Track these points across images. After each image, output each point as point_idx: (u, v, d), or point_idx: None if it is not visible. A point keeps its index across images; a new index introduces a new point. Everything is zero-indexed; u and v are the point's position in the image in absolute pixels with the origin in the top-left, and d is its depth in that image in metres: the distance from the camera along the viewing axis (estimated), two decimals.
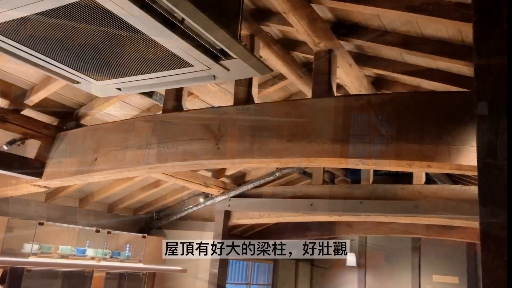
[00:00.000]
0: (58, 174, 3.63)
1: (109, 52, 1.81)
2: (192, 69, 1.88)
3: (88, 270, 4.71)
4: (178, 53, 1.73)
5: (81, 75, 2.10)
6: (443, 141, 2.27)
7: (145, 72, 1.98)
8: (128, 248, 5.39)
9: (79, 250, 4.69)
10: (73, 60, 1.95)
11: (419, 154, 2.32)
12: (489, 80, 1.77)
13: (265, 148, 2.79)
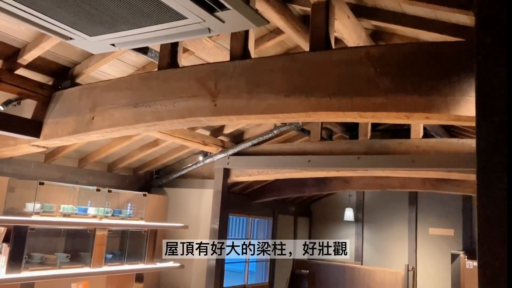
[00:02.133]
0: (56, 133, 3.62)
1: (101, 5, 1.77)
2: (186, 21, 1.84)
3: (90, 228, 4.79)
4: (171, 4, 1.69)
5: (73, 31, 2.06)
6: (442, 92, 2.26)
7: (138, 26, 1.94)
8: (129, 207, 5.46)
9: (81, 209, 4.75)
10: (65, 15, 1.90)
11: (417, 106, 2.31)
12: (490, 29, 1.74)
13: (262, 104, 2.78)
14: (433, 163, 4.78)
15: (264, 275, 9.62)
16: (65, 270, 4.45)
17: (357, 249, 10.38)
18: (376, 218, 10.34)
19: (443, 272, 9.15)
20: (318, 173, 5.93)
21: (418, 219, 9.84)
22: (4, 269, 3.91)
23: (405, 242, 9.85)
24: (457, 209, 9.33)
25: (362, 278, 9.74)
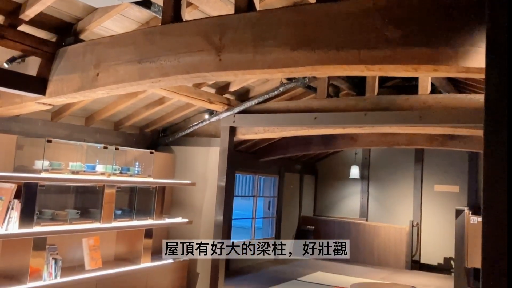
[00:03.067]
0: (61, 91, 3.62)
1: None
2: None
3: (99, 185, 4.86)
4: None
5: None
6: (450, 43, 2.21)
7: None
8: (137, 165, 5.52)
9: (89, 166, 4.81)
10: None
11: (425, 58, 2.27)
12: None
13: (268, 58, 2.74)
14: (440, 119, 4.74)
15: (270, 231, 9.81)
16: (75, 225, 4.56)
17: (362, 206, 10.51)
18: (381, 176, 10.40)
19: (447, 228, 9.27)
20: (324, 131, 5.92)
21: (423, 176, 9.89)
22: (17, 224, 4.00)
23: (410, 199, 9.95)
24: (463, 166, 9.35)
25: (367, 234, 9.91)
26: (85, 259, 4.78)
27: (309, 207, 10.99)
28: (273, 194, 9.84)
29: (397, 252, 9.53)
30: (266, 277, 7.74)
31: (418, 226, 9.72)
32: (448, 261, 9.35)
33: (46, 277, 4.25)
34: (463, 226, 7.47)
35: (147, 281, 5.34)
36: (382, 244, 9.69)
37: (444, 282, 8.13)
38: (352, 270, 8.93)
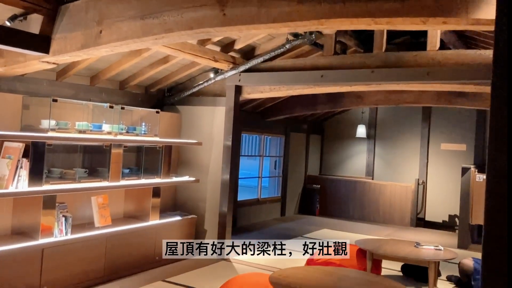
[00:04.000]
0: (65, 49, 3.59)
1: None
2: None
3: (106, 144, 4.89)
4: None
5: None
6: None
7: None
8: (143, 124, 5.53)
9: (95, 126, 4.83)
10: None
11: (434, 10, 2.21)
12: None
13: (273, 12, 2.68)
14: (448, 75, 4.68)
15: (276, 190, 9.92)
16: (84, 184, 4.63)
17: (368, 165, 10.54)
18: (388, 135, 10.37)
19: (453, 186, 9.32)
20: (331, 89, 5.86)
21: (430, 135, 9.85)
22: (26, 183, 4.07)
23: (417, 157, 9.96)
24: (470, 124, 9.29)
25: (373, 192, 10.00)
26: (95, 217, 4.88)
27: (315, 167, 11.06)
28: (279, 154, 9.89)
29: (402, 210, 9.63)
30: (272, 234, 7.88)
31: (424, 184, 9.78)
32: (452, 219, 9.45)
33: (57, 234, 4.35)
34: (468, 184, 7.51)
35: (156, 237, 5.46)
36: (388, 202, 9.79)
37: (448, 238, 8.24)
38: (357, 227, 9.07)
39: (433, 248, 5.33)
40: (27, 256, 4.03)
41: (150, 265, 5.36)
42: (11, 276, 3.91)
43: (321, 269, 4.26)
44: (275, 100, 8.31)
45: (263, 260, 6.13)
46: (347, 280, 3.93)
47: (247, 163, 13.05)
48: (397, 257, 5.01)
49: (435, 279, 5.10)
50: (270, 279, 3.73)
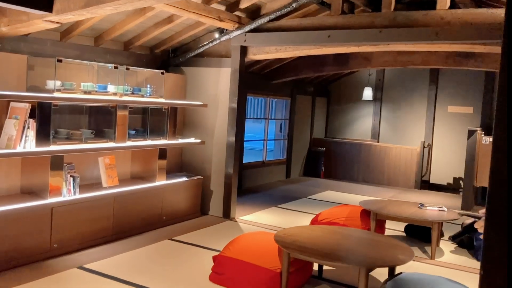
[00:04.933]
0: (68, 7, 3.53)
1: None
2: None
3: (111, 105, 4.89)
4: None
5: None
6: None
7: None
8: (148, 86, 5.51)
9: (101, 87, 4.81)
10: None
11: None
12: None
13: None
14: (458, 35, 4.58)
15: (282, 153, 9.96)
16: (90, 144, 4.66)
17: (374, 127, 10.52)
18: (394, 97, 10.29)
19: (458, 149, 9.32)
20: (338, 49, 5.78)
21: (437, 97, 9.77)
22: (34, 143, 4.10)
23: (423, 120, 9.91)
24: (478, 86, 9.19)
25: (378, 155, 10.02)
26: (102, 177, 4.93)
27: (320, 129, 11.05)
28: (285, 117, 9.86)
29: (407, 172, 9.67)
30: (277, 195, 7.98)
31: (429, 147, 9.77)
32: (457, 181, 9.50)
33: (65, 194, 4.42)
34: (474, 146, 7.49)
35: (163, 198, 5.54)
36: (392, 165, 9.83)
37: (452, 200, 8.31)
38: (361, 189, 9.15)
39: (437, 209, 5.38)
40: (37, 215, 4.12)
41: (157, 224, 5.46)
42: (23, 234, 4.00)
43: (325, 228, 4.32)
44: (281, 62, 8.22)
45: (268, 220, 6.24)
46: (351, 238, 4.00)
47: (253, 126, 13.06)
48: (400, 217, 5.07)
49: (438, 239, 5.18)
50: (275, 237, 3.80)
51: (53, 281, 3.72)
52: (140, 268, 4.15)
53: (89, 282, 3.75)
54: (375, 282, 4.08)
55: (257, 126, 13.32)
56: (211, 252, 4.60)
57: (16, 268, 3.92)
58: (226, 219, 6.08)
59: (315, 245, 3.68)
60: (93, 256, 4.36)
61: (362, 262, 3.44)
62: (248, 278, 3.74)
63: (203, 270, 4.14)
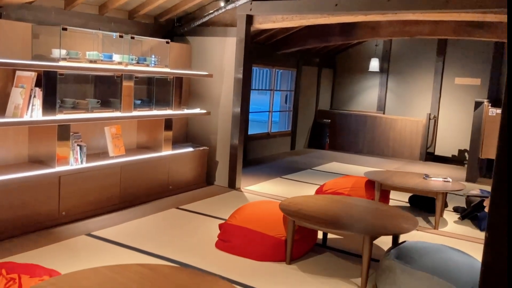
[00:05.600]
0: None
1: None
2: None
3: (117, 74, 4.88)
4: None
5: None
6: None
7: None
8: (153, 56, 5.47)
9: (106, 56, 4.78)
10: None
11: None
12: None
13: None
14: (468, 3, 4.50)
15: (287, 124, 9.95)
16: (97, 114, 4.67)
17: (380, 99, 10.46)
18: (401, 69, 10.19)
19: (465, 121, 9.28)
20: (346, 18, 5.68)
21: (444, 69, 9.66)
22: (41, 112, 4.11)
23: (429, 92, 9.84)
24: (487, 57, 9.06)
25: (383, 127, 10.00)
26: (109, 147, 4.96)
27: (326, 101, 11.00)
28: (290, 88, 9.81)
29: (412, 144, 9.66)
30: (282, 166, 8.01)
31: (435, 119, 9.73)
32: (462, 153, 9.49)
33: (72, 162, 4.46)
34: (480, 118, 7.46)
35: (169, 167, 5.58)
36: (398, 137, 9.81)
37: (457, 172, 8.32)
38: (366, 161, 9.16)
39: (442, 179, 5.40)
40: (45, 183, 4.17)
41: (164, 194, 5.52)
42: (32, 202, 4.06)
43: (330, 197, 4.36)
44: (287, 32, 8.12)
45: (273, 190, 6.29)
46: (356, 207, 4.03)
47: (258, 98, 13.00)
48: (405, 187, 5.09)
49: (441, 210, 5.22)
50: (280, 206, 3.84)
51: (62, 247, 3.80)
52: (147, 235, 4.22)
53: (98, 248, 3.82)
54: (379, 250, 4.13)
55: (262, 98, 13.28)
56: (217, 221, 4.66)
57: (25, 234, 4.00)
58: (231, 189, 6.13)
59: (319, 213, 3.72)
60: (101, 224, 4.43)
61: (366, 230, 3.48)
62: (253, 245, 3.80)
63: (210, 237, 4.21)
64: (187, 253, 3.84)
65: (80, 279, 2.25)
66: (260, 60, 8.47)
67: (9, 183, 3.87)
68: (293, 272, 3.60)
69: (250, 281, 3.37)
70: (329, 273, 3.63)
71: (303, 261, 3.84)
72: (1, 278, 2.62)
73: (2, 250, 3.64)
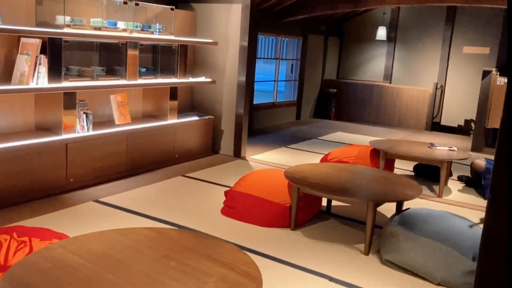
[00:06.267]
0: None
1: None
2: None
3: (122, 41, 4.85)
4: None
5: None
6: None
7: None
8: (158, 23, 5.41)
9: (110, 23, 4.74)
10: None
11: None
12: None
13: None
14: None
15: (292, 94, 9.91)
16: (102, 81, 4.67)
17: (386, 68, 10.36)
18: (409, 37, 10.05)
19: (472, 90, 9.20)
20: None
21: (453, 37, 9.52)
22: (46, 79, 4.12)
23: (437, 61, 9.72)
24: (496, 26, 8.90)
25: (390, 96, 9.94)
26: (114, 115, 4.98)
27: (332, 70, 10.91)
28: (296, 57, 9.72)
29: (418, 114, 9.62)
30: (287, 136, 8.03)
31: (442, 88, 9.65)
32: (468, 123, 9.45)
33: (79, 130, 4.49)
34: (488, 88, 7.39)
35: (175, 136, 5.61)
36: (404, 106, 9.76)
37: (463, 142, 8.31)
38: (372, 130, 9.15)
39: (447, 148, 5.40)
40: (52, 150, 4.21)
41: (170, 162, 5.57)
42: (40, 169, 4.11)
43: (335, 165, 4.38)
44: None
45: (278, 159, 6.32)
46: (360, 175, 4.06)
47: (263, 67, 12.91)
48: (410, 156, 5.10)
49: (446, 179, 5.24)
50: (285, 173, 3.87)
51: (70, 213, 3.87)
52: (154, 201, 4.28)
53: (105, 214, 3.89)
54: (383, 218, 4.18)
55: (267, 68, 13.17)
56: (222, 188, 4.72)
57: (34, 201, 4.07)
58: (236, 158, 6.17)
59: (324, 180, 3.75)
60: (108, 191, 4.50)
61: (370, 197, 3.51)
62: (258, 211, 3.85)
63: (215, 204, 4.27)
64: (193, 219, 3.90)
65: (88, 242, 2.30)
66: (265, 28, 8.38)
67: (17, 150, 3.91)
68: (297, 237, 3.66)
69: (254, 246, 3.43)
70: (333, 239, 3.69)
71: (307, 227, 3.89)
72: (13, 241, 2.69)
73: (12, 215, 3.71)
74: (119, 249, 2.23)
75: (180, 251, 2.25)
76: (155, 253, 2.22)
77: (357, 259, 3.35)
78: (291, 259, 3.28)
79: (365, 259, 3.36)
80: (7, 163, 3.87)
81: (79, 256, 2.14)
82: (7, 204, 3.90)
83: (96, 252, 2.19)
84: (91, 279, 1.94)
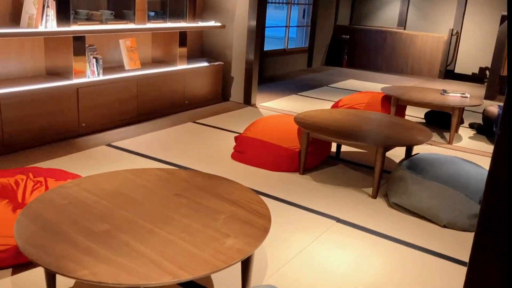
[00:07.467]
0: None
1: None
2: None
3: None
4: None
5: None
6: None
7: None
8: None
9: None
10: None
11: None
12: None
13: None
14: None
15: (304, 41, 9.73)
16: (111, 25, 4.61)
17: (401, 14, 10.07)
18: None
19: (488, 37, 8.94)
20: None
21: None
22: (55, 23, 4.08)
23: (453, 5, 9.41)
24: None
25: (403, 43, 9.72)
26: (124, 60, 4.96)
27: (345, 16, 10.63)
28: (309, 1, 9.46)
29: (432, 61, 9.43)
30: (298, 83, 7.96)
31: (458, 34, 9.39)
32: (483, 71, 9.26)
33: (89, 75, 4.49)
34: (505, 33, 7.17)
35: (185, 82, 5.59)
36: (417, 53, 9.56)
37: (476, 90, 8.18)
38: (384, 78, 9.03)
39: (459, 95, 5.33)
40: (63, 95, 4.24)
41: (180, 108, 5.58)
42: (52, 113, 4.16)
43: (345, 111, 4.37)
44: None
45: (289, 106, 6.30)
46: (370, 121, 4.05)
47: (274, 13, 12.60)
48: (422, 102, 5.05)
49: (457, 126, 5.20)
50: (295, 118, 3.87)
51: (83, 156, 3.95)
52: (165, 146, 4.34)
53: (117, 157, 3.97)
54: (392, 164, 4.21)
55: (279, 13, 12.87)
56: (233, 134, 4.75)
57: (47, 144, 4.15)
58: (247, 105, 6.16)
59: (334, 126, 3.75)
60: (119, 135, 4.55)
61: (379, 141, 3.52)
62: (268, 156, 3.89)
63: (226, 149, 4.31)
64: (203, 163, 3.96)
65: (102, 181, 2.36)
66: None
67: (29, 94, 3.94)
68: (306, 181, 3.72)
69: (264, 189, 3.50)
70: (341, 183, 3.74)
71: (316, 172, 3.94)
72: (29, 181, 2.77)
73: (26, 158, 3.80)
74: (131, 188, 2.29)
75: (191, 190, 2.30)
76: (166, 192, 2.27)
77: (365, 202, 3.41)
78: (299, 201, 3.34)
79: (372, 202, 3.42)
80: (20, 107, 3.91)
81: (93, 194, 2.20)
82: (20, 147, 3.98)
83: (109, 190, 2.26)
84: (105, 214, 2.01)
